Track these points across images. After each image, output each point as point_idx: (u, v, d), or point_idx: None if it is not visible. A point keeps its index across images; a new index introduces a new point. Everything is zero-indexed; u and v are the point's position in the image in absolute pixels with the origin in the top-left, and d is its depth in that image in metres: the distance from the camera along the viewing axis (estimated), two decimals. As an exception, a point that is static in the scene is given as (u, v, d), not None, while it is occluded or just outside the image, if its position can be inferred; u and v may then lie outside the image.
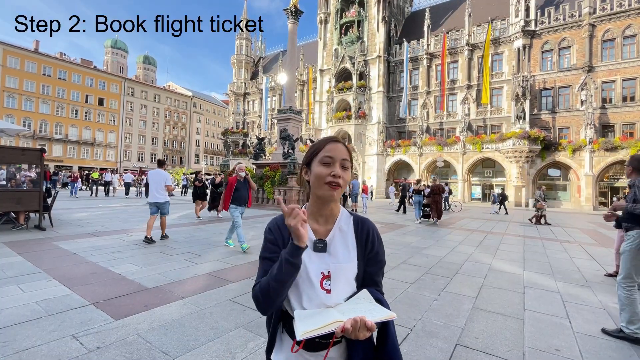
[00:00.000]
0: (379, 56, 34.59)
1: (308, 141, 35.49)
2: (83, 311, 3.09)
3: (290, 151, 15.80)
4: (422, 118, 32.68)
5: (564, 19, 27.13)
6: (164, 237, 6.84)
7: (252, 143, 44.55)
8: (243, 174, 6.32)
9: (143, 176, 33.14)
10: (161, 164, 7.13)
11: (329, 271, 1.00)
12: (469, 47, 30.94)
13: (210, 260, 5.18)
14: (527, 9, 28.13)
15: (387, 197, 30.58)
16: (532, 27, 28.03)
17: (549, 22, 27.71)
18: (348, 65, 35.28)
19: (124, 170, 47.02)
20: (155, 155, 57.46)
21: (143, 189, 19.97)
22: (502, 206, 18.71)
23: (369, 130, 34.78)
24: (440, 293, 4.04)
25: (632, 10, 24.71)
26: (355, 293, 1.03)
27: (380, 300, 1.00)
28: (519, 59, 28.15)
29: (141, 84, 57.44)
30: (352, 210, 6.03)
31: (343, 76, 36.41)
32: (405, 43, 33.77)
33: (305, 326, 0.86)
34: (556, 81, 27.37)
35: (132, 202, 15.36)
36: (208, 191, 12.54)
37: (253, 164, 18.01)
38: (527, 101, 27.04)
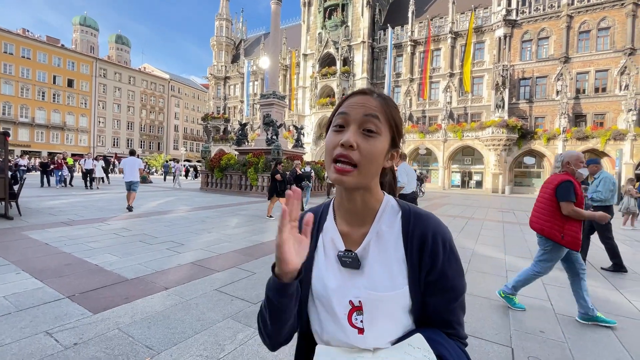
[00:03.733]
0: (363, 42, 34.19)
1: (291, 127, 35.10)
2: (57, 305, 2.89)
3: (274, 137, 15.51)
4: (405, 105, 32.84)
5: (544, 10, 27.62)
6: (130, 208, 8.82)
7: (234, 129, 43.59)
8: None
9: (116, 160, 31.84)
10: (133, 153, 9.56)
11: (359, 301, 0.66)
12: (452, 35, 31.07)
13: (194, 249, 5.02)
14: (509, -2, 28.42)
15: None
16: (513, 16, 28.39)
17: (530, 12, 28.15)
18: (332, 50, 34.71)
19: (99, 155, 45.24)
20: (131, 140, 55.23)
21: (102, 175, 17.18)
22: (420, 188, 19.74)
23: (353, 117, 34.64)
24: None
25: (607, 3, 25.44)
26: (410, 333, 0.66)
27: (443, 357, 0.61)
28: (500, 48, 28.58)
29: (114, 65, 54.43)
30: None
31: (327, 61, 35.85)
32: (390, 29, 33.46)
33: None
34: (534, 71, 28.07)
35: (107, 189, 14.72)
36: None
37: (236, 150, 17.59)
38: (507, 90, 27.64)
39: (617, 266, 4.70)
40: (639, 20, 24.61)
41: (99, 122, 51.24)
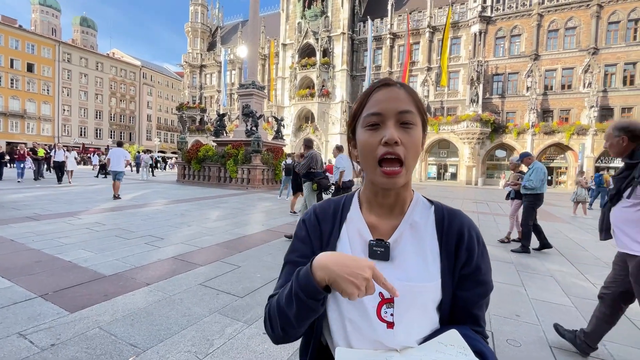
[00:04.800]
0: (343, 33, 34.01)
1: (270, 119, 34.59)
2: (29, 305, 2.73)
3: (254, 128, 15.22)
4: (384, 98, 33.13)
5: (517, 7, 28.55)
6: (116, 197, 9.41)
7: (211, 119, 42.40)
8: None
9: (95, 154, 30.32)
10: (120, 144, 10.09)
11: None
12: (429, 29, 31.53)
13: (174, 243, 4.88)
14: (485, -5, 29.13)
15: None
16: (488, 13, 29.17)
17: (503, 10, 29.02)
18: (312, 40, 34.30)
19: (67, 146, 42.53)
20: (100, 130, 52.45)
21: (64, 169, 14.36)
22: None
23: (332, 109, 34.63)
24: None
25: (575, 3, 26.67)
26: (435, 332, 0.65)
27: (482, 352, 0.60)
28: (475, 43, 29.35)
29: (80, 50, 51.09)
30: None
31: (306, 52, 35.42)
32: (369, 21, 33.44)
33: None
34: (507, 67, 29.11)
35: (78, 181, 13.94)
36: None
37: (214, 141, 17.13)
38: (481, 85, 28.54)
39: (525, 248, 5.25)
40: (602, 22, 26.03)
41: (64, 110, 48.19)
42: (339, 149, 6.92)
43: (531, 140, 26.97)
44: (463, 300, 0.67)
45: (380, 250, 0.67)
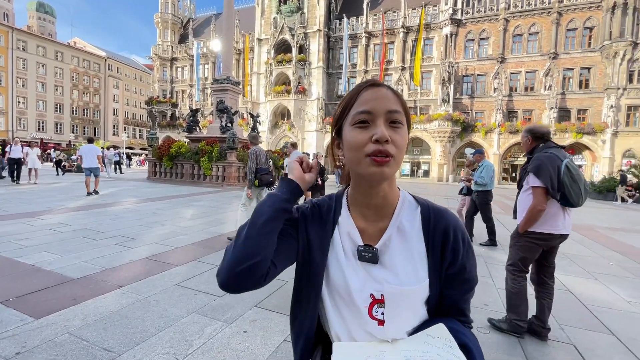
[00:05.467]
0: (319, 30, 33.99)
1: (245, 115, 33.98)
2: (-12, 312, 2.55)
3: (229, 125, 14.91)
4: (359, 96, 33.54)
5: (485, 12, 29.84)
6: (96, 192, 9.81)
7: (183, 114, 41.00)
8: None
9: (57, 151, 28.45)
10: (91, 140, 10.36)
11: (381, 294, 0.68)
12: (404, 30, 32.23)
13: (147, 243, 4.71)
14: (456, -2, 30.18)
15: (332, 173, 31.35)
16: (458, 16, 30.26)
17: (473, 13, 30.22)
18: (287, 36, 34.01)
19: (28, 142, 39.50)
20: (61, 124, 49.15)
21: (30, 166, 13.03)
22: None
23: (309, 106, 34.59)
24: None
25: (537, 10, 28.28)
26: (424, 324, 0.69)
27: (467, 345, 0.64)
28: (447, 45, 30.38)
29: (37, 37, 47.46)
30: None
31: (282, 48, 35.07)
32: (345, 19, 33.64)
33: None
34: (475, 69, 30.40)
35: (38, 179, 13.00)
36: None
37: (187, 137, 16.60)
38: (452, 86, 29.62)
39: (492, 242, 5.58)
40: (561, 28, 27.81)
41: (19, 102, 44.68)
42: (293, 145, 7.23)
43: (497, 139, 28.39)
44: (450, 296, 0.71)
45: (368, 255, 0.70)
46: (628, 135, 25.59)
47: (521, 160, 29.62)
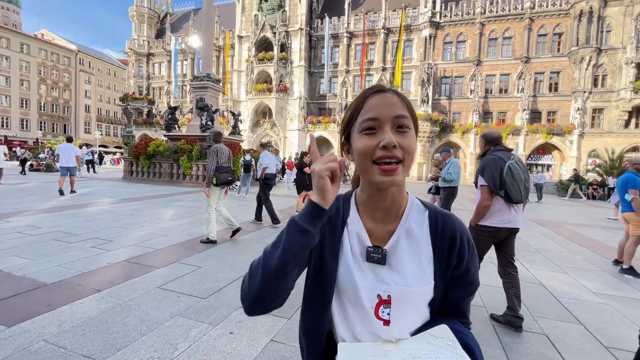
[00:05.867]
0: (301, 29, 33.88)
1: (226, 113, 33.41)
2: (-46, 322, 2.40)
3: (209, 123, 14.60)
4: (341, 96, 33.76)
5: (462, 16, 30.73)
6: (73, 191, 9.69)
7: (161, 112, 39.81)
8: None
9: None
10: (70, 139, 10.24)
11: (388, 295, 0.69)
12: (384, 31, 32.68)
13: (125, 246, 4.56)
14: (434, 1, 30.87)
15: (308, 172, 31.35)
16: (437, 19, 31.00)
17: (450, 17, 31.04)
18: (269, 34, 33.68)
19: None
20: (27, 120, 46.43)
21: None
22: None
23: (290, 105, 34.44)
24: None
25: (511, 15, 29.42)
26: (427, 324, 0.71)
27: (469, 345, 0.66)
28: (426, 47, 31.06)
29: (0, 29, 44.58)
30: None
31: (263, 46, 34.70)
32: (327, 18, 33.71)
33: None
34: (453, 71, 31.26)
35: (4, 180, 12.23)
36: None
37: (165, 135, 16.13)
38: (431, 87, 30.33)
39: None
40: (533, 34, 29.07)
41: (-20, 97, 41.83)
42: (262, 145, 7.29)
43: (474, 139, 29.35)
44: (453, 298, 0.73)
45: (377, 256, 0.70)
46: (593, 137, 27.13)
47: (496, 159, 30.80)
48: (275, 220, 6.45)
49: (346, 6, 33.79)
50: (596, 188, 17.75)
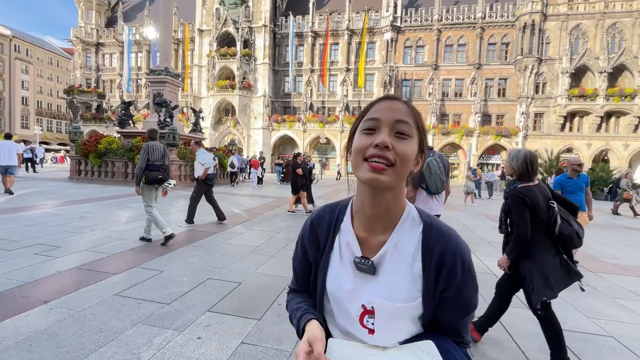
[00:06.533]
0: (265, 25, 33.37)
1: (186, 109, 31.94)
2: None
3: (168, 120, 13.88)
4: (306, 95, 33.81)
5: (421, 22, 32.19)
6: (10, 191, 8.88)
7: (112, 107, 37.13)
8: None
9: None
10: (9, 137, 9.83)
11: (372, 306, 0.68)
12: (348, 32, 33.25)
13: (76, 251, 4.20)
14: (395, 6, 32.00)
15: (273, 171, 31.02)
16: (398, 23, 32.18)
17: (410, 22, 32.39)
18: (231, 29, 32.74)
19: None
20: (-51, 113, 40.73)
21: None
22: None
23: (255, 102, 33.81)
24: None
25: (465, 24, 31.39)
26: (418, 336, 0.70)
27: None
28: (388, 50, 32.12)
29: None
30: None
31: (226, 41, 33.66)
32: (291, 16, 33.53)
33: None
34: (413, 74, 32.68)
35: None
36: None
37: (118, 132, 15.05)
38: (392, 89, 31.42)
39: None
40: (484, 42, 31.27)
41: None
42: (197, 143, 6.85)
43: (432, 140, 30.91)
44: (444, 318, 0.70)
45: (364, 267, 0.70)
46: (535, 138, 29.85)
47: (452, 159, 32.71)
48: (190, 220, 6.16)
49: (310, 5, 33.86)
50: (538, 185, 19.56)
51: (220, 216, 6.52)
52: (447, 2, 32.09)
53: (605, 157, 29.04)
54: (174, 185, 5.16)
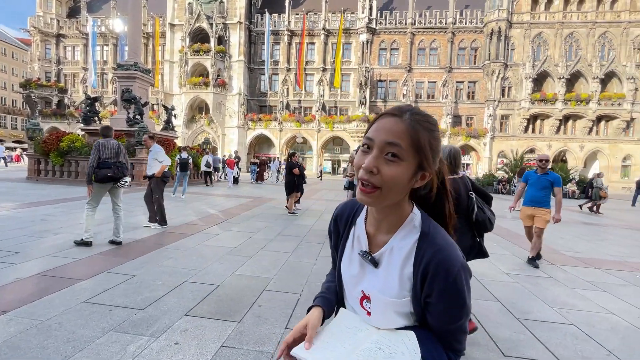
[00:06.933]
0: (240, 22, 32.77)
1: (156, 106, 30.72)
2: None
3: (138, 117, 13.28)
4: (282, 94, 33.58)
5: (395, 24, 32.94)
6: None
7: (75, 102, 35.06)
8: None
9: None
10: None
11: (368, 293, 0.78)
12: (324, 32, 33.39)
13: (37, 257, 3.92)
14: (371, 8, 32.51)
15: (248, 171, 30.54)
16: (373, 25, 32.72)
17: (385, 25, 33.05)
18: (205, 25, 31.87)
19: None
20: None
21: None
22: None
23: (230, 100, 33.13)
24: (317, 258, 4.49)
25: (437, 28, 32.47)
26: (412, 327, 0.76)
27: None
28: (363, 51, 32.58)
29: None
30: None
31: (199, 37, 32.72)
32: (267, 14, 33.16)
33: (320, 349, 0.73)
34: (388, 75, 33.37)
35: None
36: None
37: (83, 129, 14.21)
38: (368, 89, 31.94)
39: None
40: (455, 46, 32.50)
41: None
42: (151, 138, 6.34)
43: (406, 140, 31.75)
44: (430, 320, 0.74)
45: (366, 261, 0.79)
46: (501, 140, 31.45)
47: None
48: (164, 221, 5.87)
49: (287, 4, 33.66)
50: (505, 184, 20.60)
51: (155, 219, 5.95)
52: (420, 7, 33.03)
53: (564, 158, 31.14)
54: (129, 183, 4.92)
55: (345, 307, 0.88)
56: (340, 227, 0.89)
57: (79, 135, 13.91)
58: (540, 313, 3.07)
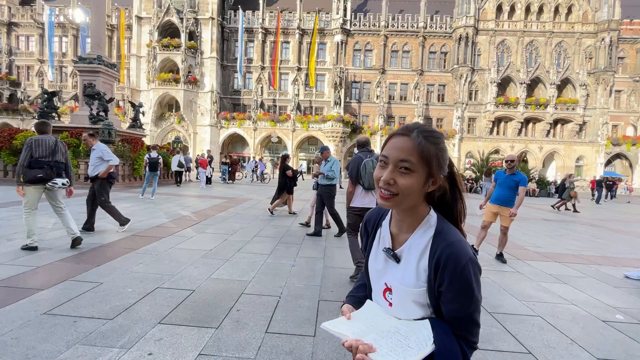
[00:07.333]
0: (212, 18, 31.90)
1: (122, 103, 29.17)
2: None
3: (102, 114, 12.54)
4: (256, 93, 33.08)
5: (369, 26, 33.48)
6: None
7: (30, 97, 32.55)
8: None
9: None
10: None
11: (390, 285, 0.89)
12: (299, 31, 33.28)
13: (-12, 266, 3.58)
14: (345, 9, 32.83)
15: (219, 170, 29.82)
16: (347, 26, 33.06)
17: (359, 26, 33.50)
18: (175, 19, 30.71)
19: None
20: None
21: None
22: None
23: (201, 98, 32.16)
24: (295, 259, 4.45)
25: (409, 32, 33.38)
26: (430, 318, 0.85)
27: (437, 352, 0.77)
28: (338, 52, 32.84)
29: None
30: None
31: (169, 31, 31.48)
32: (241, 11, 32.52)
33: (339, 324, 0.86)
34: (362, 77, 33.87)
35: None
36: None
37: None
38: (343, 90, 32.23)
39: (341, 231, 5.93)
40: (426, 50, 33.59)
41: None
42: (92, 135, 5.86)
43: (380, 140, 32.39)
44: (443, 310, 0.83)
45: (389, 255, 0.90)
46: (469, 141, 32.92)
47: (398, 159, 34.68)
48: (124, 221, 5.50)
49: (261, 1, 33.20)
50: (472, 183, 21.59)
51: (89, 225, 5.56)
52: (393, 10, 33.81)
53: (525, 158, 33.16)
54: (66, 184, 4.40)
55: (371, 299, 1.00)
56: (368, 228, 1.03)
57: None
58: (510, 306, 3.23)
